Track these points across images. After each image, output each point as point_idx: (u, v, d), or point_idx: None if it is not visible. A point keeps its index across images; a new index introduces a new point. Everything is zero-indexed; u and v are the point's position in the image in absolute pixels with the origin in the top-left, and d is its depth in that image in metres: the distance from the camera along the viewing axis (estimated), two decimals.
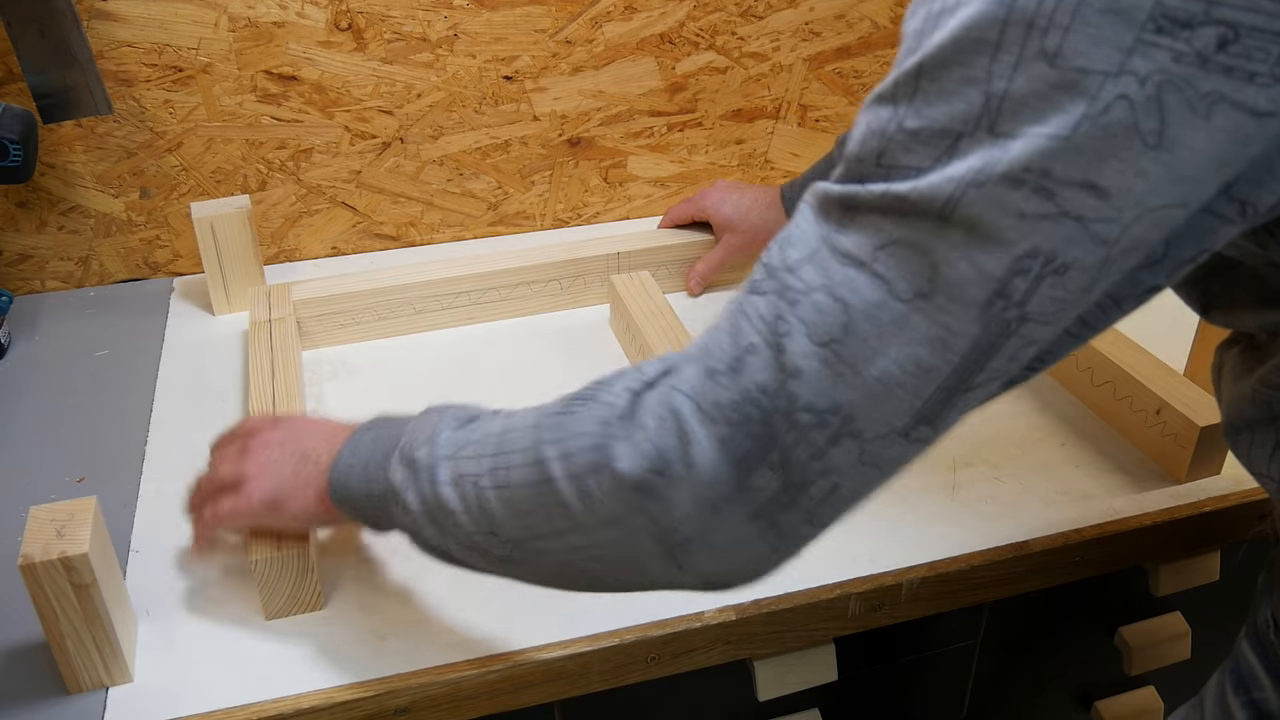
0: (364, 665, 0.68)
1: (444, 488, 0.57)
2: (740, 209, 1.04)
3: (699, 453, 0.48)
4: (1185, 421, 0.82)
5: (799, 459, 0.47)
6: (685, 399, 0.50)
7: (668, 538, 0.50)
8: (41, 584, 0.62)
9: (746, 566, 0.52)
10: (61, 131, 1.03)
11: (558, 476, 0.52)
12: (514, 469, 0.54)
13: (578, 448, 0.52)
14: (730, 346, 0.49)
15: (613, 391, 0.52)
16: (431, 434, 0.59)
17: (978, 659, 0.89)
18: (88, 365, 0.98)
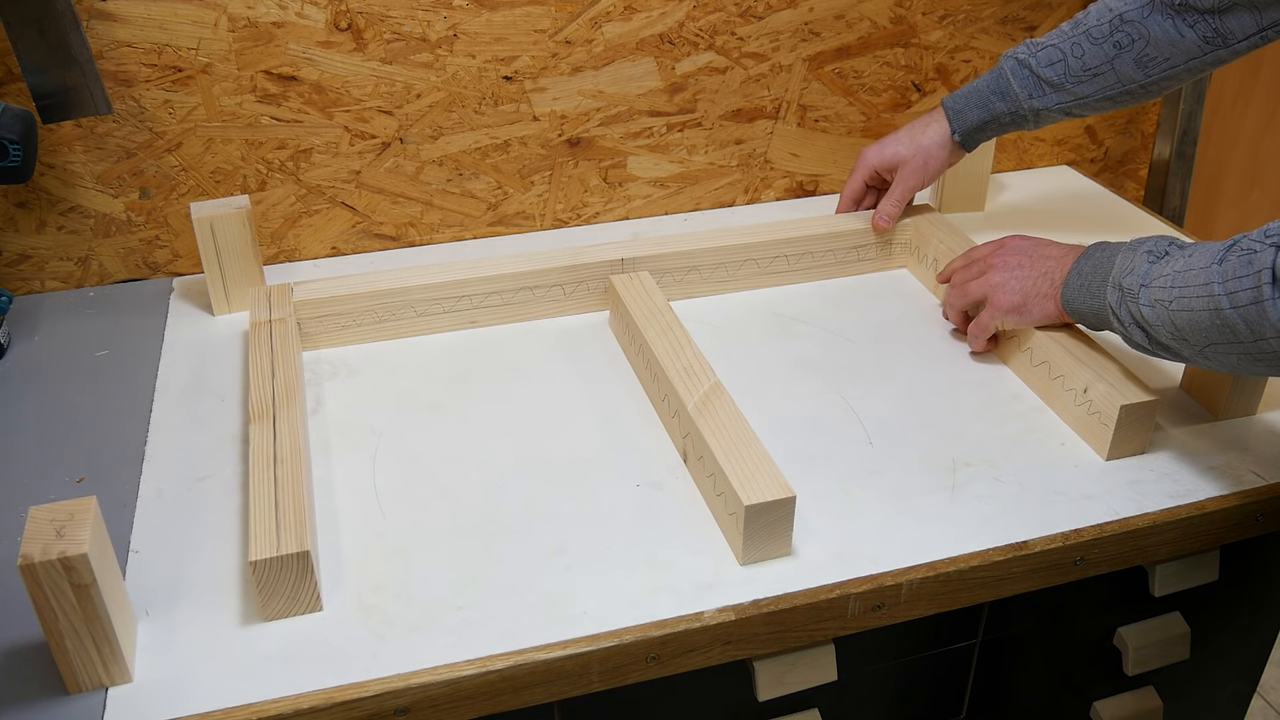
0: (364, 665, 0.68)
1: (1144, 308, 0.78)
2: (901, 142, 1.09)
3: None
4: (1109, 399, 0.85)
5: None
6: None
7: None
8: (41, 584, 0.62)
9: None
10: (61, 131, 1.03)
11: (1225, 308, 0.72)
12: (1192, 299, 0.74)
13: (1240, 288, 0.71)
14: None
15: (1260, 255, 0.70)
16: (1133, 265, 0.80)
17: (977, 659, 0.89)
18: (87, 365, 0.98)
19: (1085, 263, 0.86)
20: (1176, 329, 0.76)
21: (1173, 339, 0.77)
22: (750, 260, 1.08)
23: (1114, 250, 0.85)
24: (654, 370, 0.91)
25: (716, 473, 0.78)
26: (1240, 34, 0.92)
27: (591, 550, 0.77)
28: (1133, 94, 0.99)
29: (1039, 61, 1.01)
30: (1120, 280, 0.81)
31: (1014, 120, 1.04)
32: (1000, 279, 0.93)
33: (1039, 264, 0.91)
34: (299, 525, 0.71)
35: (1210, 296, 0.72)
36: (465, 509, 0.81)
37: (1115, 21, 0.97)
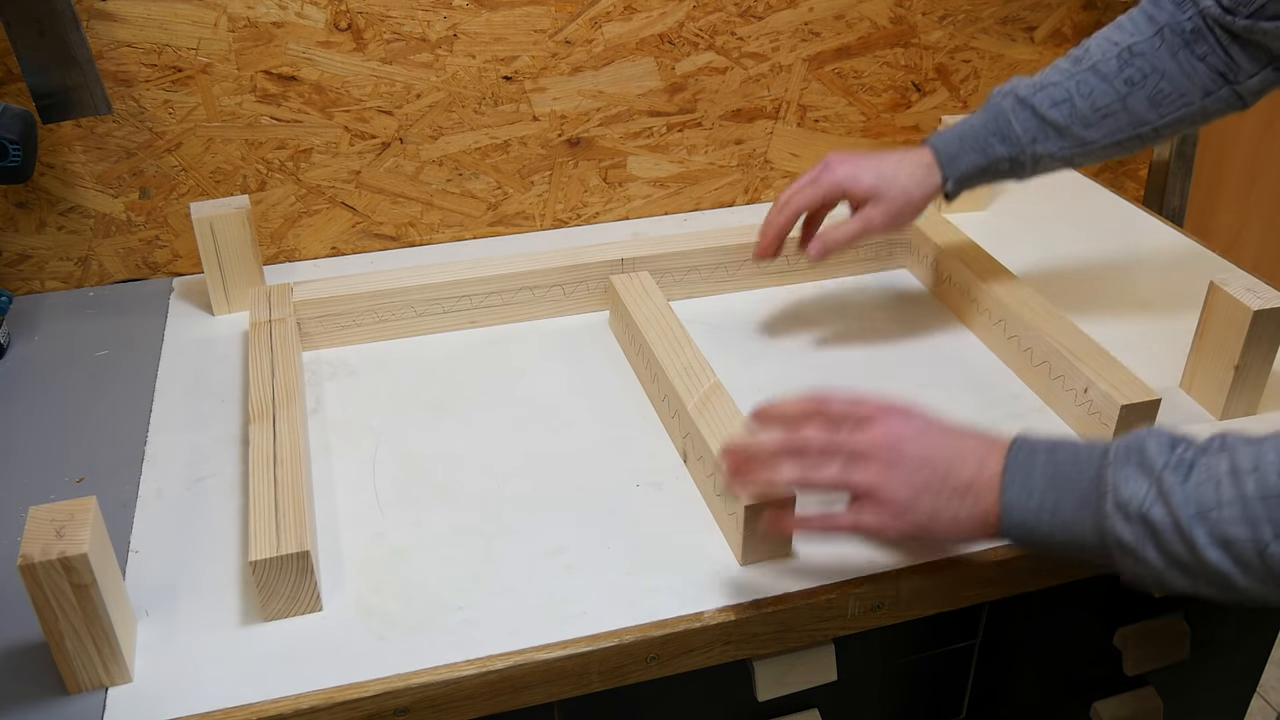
0: (363, 665, 0.68)
1: (1208, 551, 0.58)
2: (885, 175, 0.90)
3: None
4: (1109, 400, 0.84)
5: None
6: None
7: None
8: (41, 584, 0.62)
9: None
10: (61, 131, 1.03)
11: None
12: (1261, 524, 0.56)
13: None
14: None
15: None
16: (1157, 487, 0.59)
17: (977, 659, 0.89)
18: (87, 365, 0.98)
19: (1028, 469, 0.64)
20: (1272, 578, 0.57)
21: (1267, 584, 0.58)
22: (750, 260, 1.08)
23: (1074, 451, 0.64)
24: (654, 370, 0.91)
25: (717, 473, 0.78)
26: (1251, 69, 0.84)
27: (591, 550, 0.77)
28: (1143, 138, 0.89)
29: (1042, 101, 0.89)
30: (1140, 510, 0.60)
31: (1011, 168, 0.91)
32: (883, 478, 0.66)
33: (953, 466, 0.66)
34: (299, 525, 0.71)
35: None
36: (465, 509, 0.81)
37: (1124, 55, 0.87)
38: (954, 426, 0.68)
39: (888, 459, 0.66)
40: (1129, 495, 0.60)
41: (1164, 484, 0.59)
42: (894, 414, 0.68)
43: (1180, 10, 0.86)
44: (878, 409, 0.68)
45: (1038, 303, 0.96)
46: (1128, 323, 1.04)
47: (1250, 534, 0.56)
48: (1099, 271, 1.13)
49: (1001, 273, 1.01)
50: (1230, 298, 0.87)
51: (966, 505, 0.65)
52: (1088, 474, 0.62)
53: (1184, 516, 0.58)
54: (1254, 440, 0.59)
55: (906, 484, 0.65)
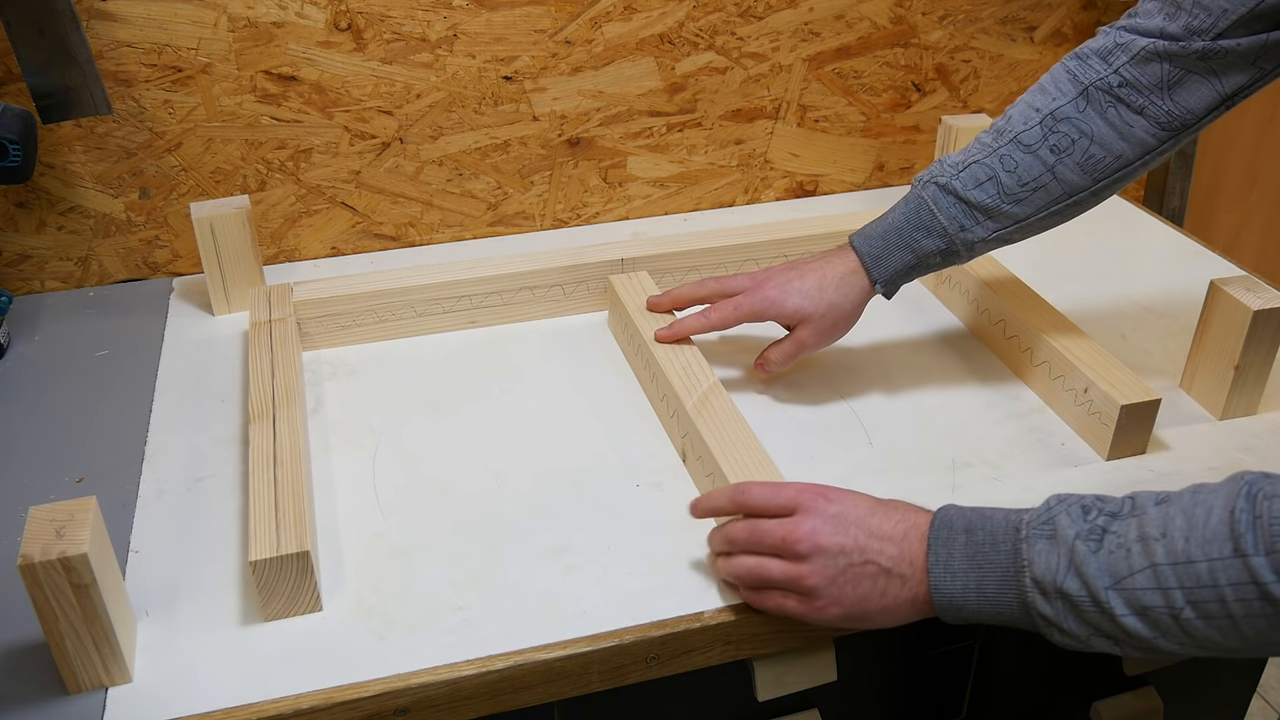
0: (363, 665, 0.68)
1: (1126, 619, 0.58)
2: (809, 295, 0.88)
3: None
4: (1109, 400, 0.84)
5: None
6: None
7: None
8: (41, 584, 0.62)
9: None
10: (61, 132, 1.03)
11: (1255, 614, 0.54)
12: (1231, 603, 0.55)
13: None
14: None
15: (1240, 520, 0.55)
16: (1069, 558, 0.60)
17: (977, 659, 0.89)
18: (87, 365, 0.98)
19: (949, 549, 0.65)
20: (1197, 638, 0.58)
21: (1187, 645, 0.59)
22: (750, 260, 1.08)
23: (990, 526, 0.65)
24: (653, 370, 0.91)
25: (715, 472, 0.78)
26: (1200, 110, 0.78)
27: (591, 550, 0.77)
28: (1080, 204, 0.84)
29: (964, 184, 0.83)
30: (1056, 584, 0.61)
31: (945, 258, 0.86)
32: (800, 571, 0.67)
33: (875, 552, 0.66)
34: (299, 525, 0.71)
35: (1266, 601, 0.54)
36: (465, 509, 0.81)
37: (1047, 122, 0.81)
38: (871, 509, 0.68)
39: (803, 552, 0.67)
40: (1043, 570, 0.61)
41: (1076, 555, 0.60)
42: (810, 504, 0.68)
43: (1107, 64, 0.80)
44: (793, 500, 0.68)
45: (1038, 303, 0.96)
46: (1128, 323, 1.04)
47: (1164, 601, 0.57)
48: (1099, 271, 1.13)
49: (1001, 273, 1.01)
50: (1230, 298, 0.87)
51: (894, 588, 0.66)
52: (1005, 551, 0.63)
53: (1099, 588, 0.59)
54: (1161, 500, 0.60)
55: (824, 576, 0.66)
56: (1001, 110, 1.32)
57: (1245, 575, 0.54)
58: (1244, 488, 0.56)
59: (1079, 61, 0.81)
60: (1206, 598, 0.56)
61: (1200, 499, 0.58)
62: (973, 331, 1.02)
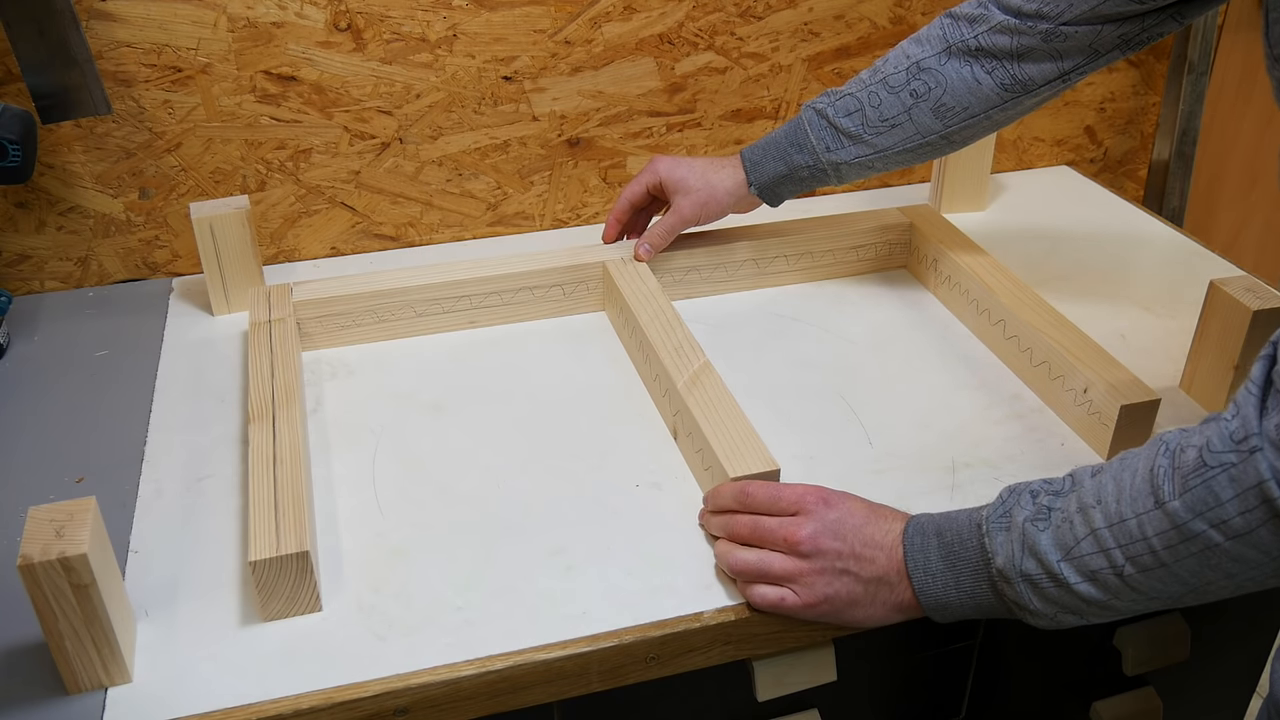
0: (363, 665, 0.68)
1: (1080, 587, 0.63)
2: (695, 170, 1.01)
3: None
4: (1109, 400, 0.84)
5: None
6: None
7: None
8: (40, 584, 0.62)
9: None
10: (60, 132, 1.03)
11: (1221, 543, 0.57)
12: (1160, 551, 0.60)
13: (1230, 515, 0.56)
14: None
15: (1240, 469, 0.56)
16: (1024, 544, 0.65)
17: (977, 659, 0.89)
18: (87, 365, 0.98)
19: (926, 554, 0.70)
20: (1144, 591, 0.62)
21: (1139, 600, 0.63)
22: (750, 260, 1.08)
23: (955, 528, 0.69)
24: (646, 351, 0.92)
25: (705, 448, 0.79)
26: (1040, 80, 0.89)
27: (591, 550, 0.77)
28: (933, 145, 0.94)
29: (836, 111, 0.95)
30: (1018, 569, 0.65)
31: (813, 175, 0.98)
32: (800, 570, 0.70)
33: (866, 561, 0.70)
34: (299, 525, 0.71)
35: (1188, 541, 0.58)
36: (465, 509, 0.81)
37: (912, 69, 0.92)
38: (865, 517, 0.72)
39: (805, 553, 0.70)
40: (1005, 560, 0.66)
41: (1029, 538, 0.65)
42: (812, 508, 0.72)
43: (971, 28, 0.90)
44: (797, 502, 0.72)
45: (1038, 303, 0.96)
46: (1128, 323, 1.04)
47: (1107, 562, 0.62)
48: (1099, 271, 1.13)
49: (1001, 273, 1.01)
50: (1230, 298, 0.87)
51: (883, 593, 0.70)
52: (972, 548, 0.68)
53: (1052, 562, 0.64)
54: (1096, 472, 0.64)
55: (822, 576, 0.70)
56: None
57: (1166, 522, 0.59)
58: (1162, 446, 0.61)
59: (951, 21, 0.92)
60: (1140, 551, 0.60)
61: (1127, 463, 0.62)
62: (973, 331, 1.03)
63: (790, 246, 1.09)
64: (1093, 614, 0.65)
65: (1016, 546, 0.65)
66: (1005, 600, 0.67)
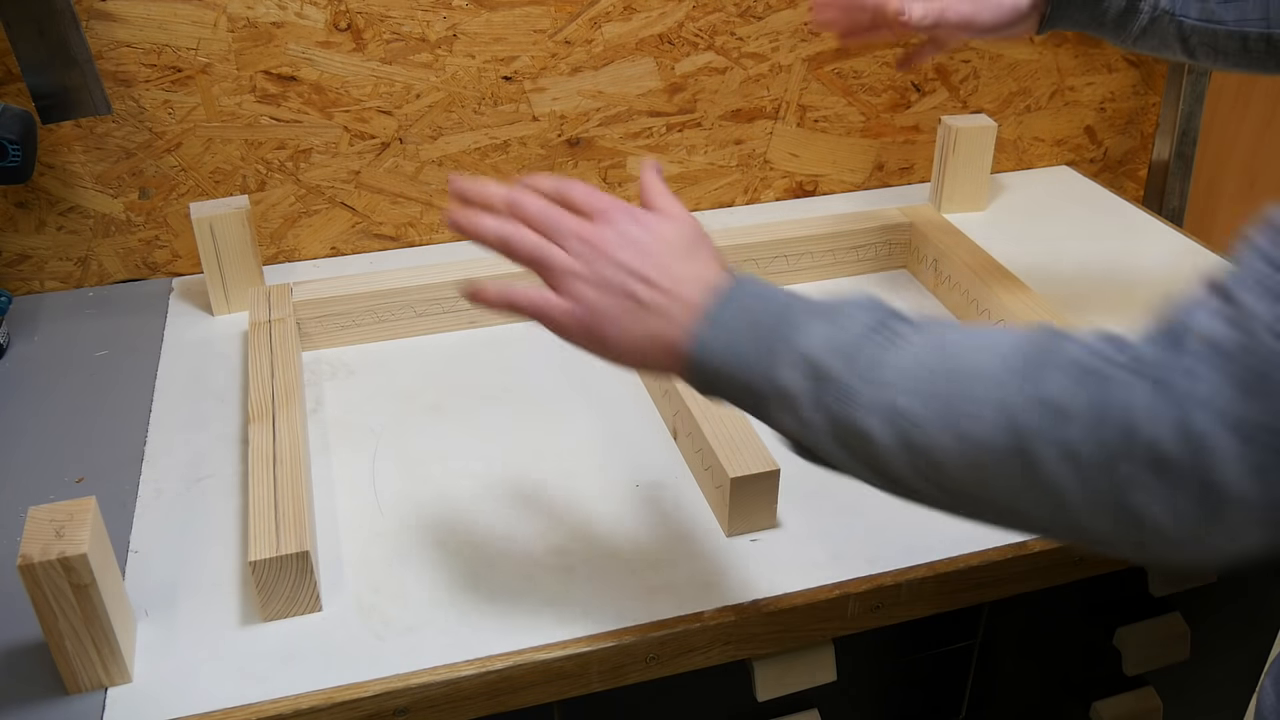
0: (363, 665, 0.68)
1: (867, 416, 0.51)
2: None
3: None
4: None
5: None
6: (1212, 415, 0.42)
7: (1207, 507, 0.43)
8: (40, 584, 0.62)
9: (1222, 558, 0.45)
10: (60, 132, 1.03)
11: (1048, 459, 0.45)
12: (981, 430, 0.48)
13: (1090, 440, 0.44)
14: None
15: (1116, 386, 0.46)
16: (845, 344, 0.53)
17: (977, 659, 0.89)
18: (87, 365, 0.98)
19: (734, 309, 0.57)
20: (929, 469, 0.50)
21: (915, 475, 0.51)
22: (750, 260, 1.08)
23: (784, 299, 0.57)
24: None
25: (704, 447, 0.79)
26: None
27: (591, 550, 0.77)
28: (1272, 40, 0.78)
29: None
30: (817, 357, 0.53)
31: (1121, 17, 0.82)
32: (577, 268, 0.60)
33: (660, 280, 0.59)
34: (298, 525, 0.71)
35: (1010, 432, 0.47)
36: (465, 509, 0.81)
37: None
38: (679, 252, 0.60)
39: (591, 254, 0.60)
40: (807, 346, 0.54)
41: (854, 342, 0.53)
42: (617, 217, 0.61)
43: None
44: (612, 204, 0.62)
45: (1038, 303, 0.96)
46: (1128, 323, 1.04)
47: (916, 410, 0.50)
48: (1099, 271, 1.13)
49: (1001, 273, 1.01)
50: None
51: (652, 322, 0.59)
52: (784, 319, 0.56)
53: (860, 377, 0.52)
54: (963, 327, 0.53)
55: (598, 284, 0.59)
56: (1001, 110, 1.32)
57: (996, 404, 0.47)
58: (1043, 332, 0.50)
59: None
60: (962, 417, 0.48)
61: (1001, 332, 0.51)
62: None
63: (790, 247, 1.09)
64: (852, 458, 0.53)
65: (830, 340, 0.53)
66: (776, 386, 0.54)
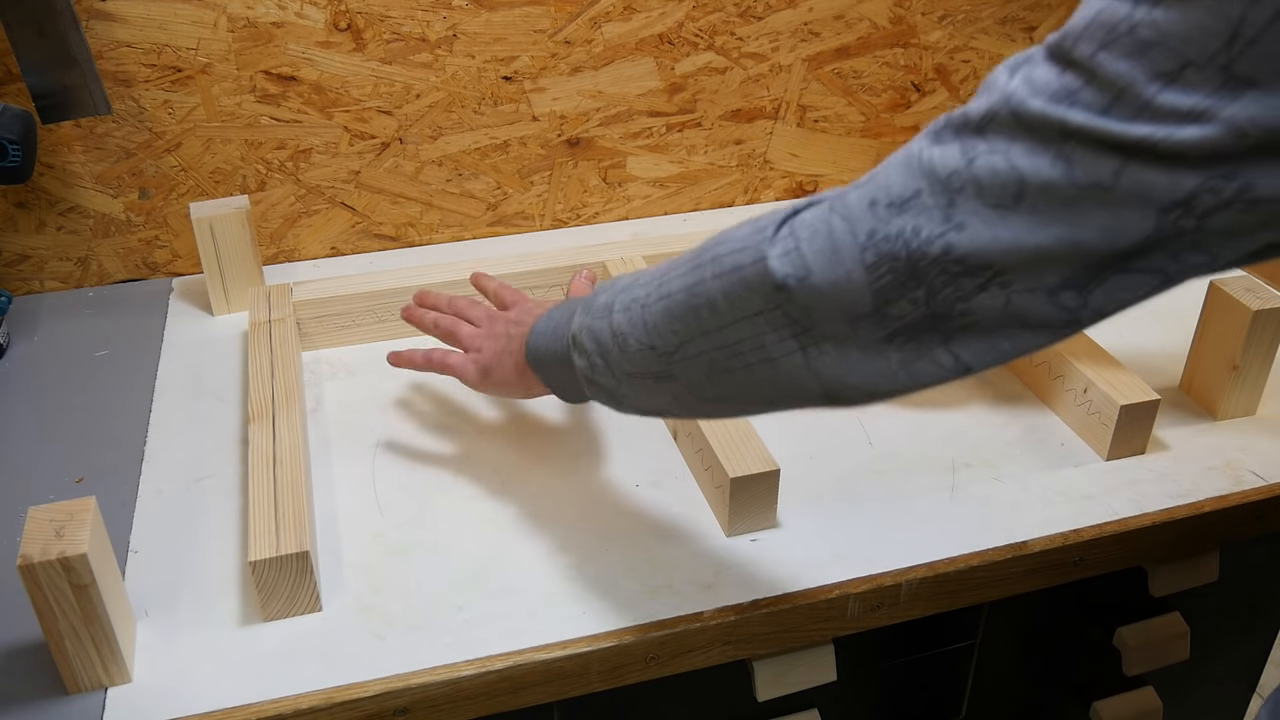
0: (363, 665, 0.68)
1: (617, 315, 0.62)
2: None
3: (842, 273, 0.51)
4: (1108, 400, 0.84)
5: (945, 298, 0.49)
6: (841, 220, 0.51)
7: (804, 336, 0.53)
8: (40, 584, 0.62)
9: (872, 379, 0.53)
10: (60, 132, 1.03)
11: (708, 278, 0.56)
12: (674, 280, 0.59)
13: (729, 250, 0.55)
14: (900, 185, 0.50)
15: (773, 213, 0.55)
16: (613, 281, 0.65)
17: (977, 659, 0.89)
18: (87, 365, 0.98)
19: (561, 306, 0.72)
20: (649, 329, 0.61)
21: (641, 347, 0.61)
22: None
23: (572, 302, 0.72)
24: None
25: (705, 448, 0.79)
26: None
27: (591, 550, 0.77)
28: None
29: None
30: (593, 300, 0.66)
31: None
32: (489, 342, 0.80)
33: (525, 319, 0.78)
34: (298, 525, 0.71)
35: (696, 267, 0.58)
36: (465, 509, 0.81)
37: None
38: (536, 307, 0.79)
39: (490, 320, 0.81)
40: (592, 294, 0.67)
41: (622, 277, 0.66)
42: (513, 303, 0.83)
43: None
44: (512, 299, 0.84)
45: None
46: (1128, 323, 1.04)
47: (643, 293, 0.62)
48: None
49: None
50: (1230, 298, 0.87)
51: (513, 344, 0.77)
52: (567, 307, 0.71)
53: (616, 291, 0.64)
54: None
55: (492, 336, 0.80)
56: None
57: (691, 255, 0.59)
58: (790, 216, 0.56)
59: None
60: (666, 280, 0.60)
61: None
62: None
63: None
64: (615, 367, 0.63)
65: (609, 284, 0.66)
66: (574, 336, 0.67)
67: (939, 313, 0.50)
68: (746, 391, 0.58)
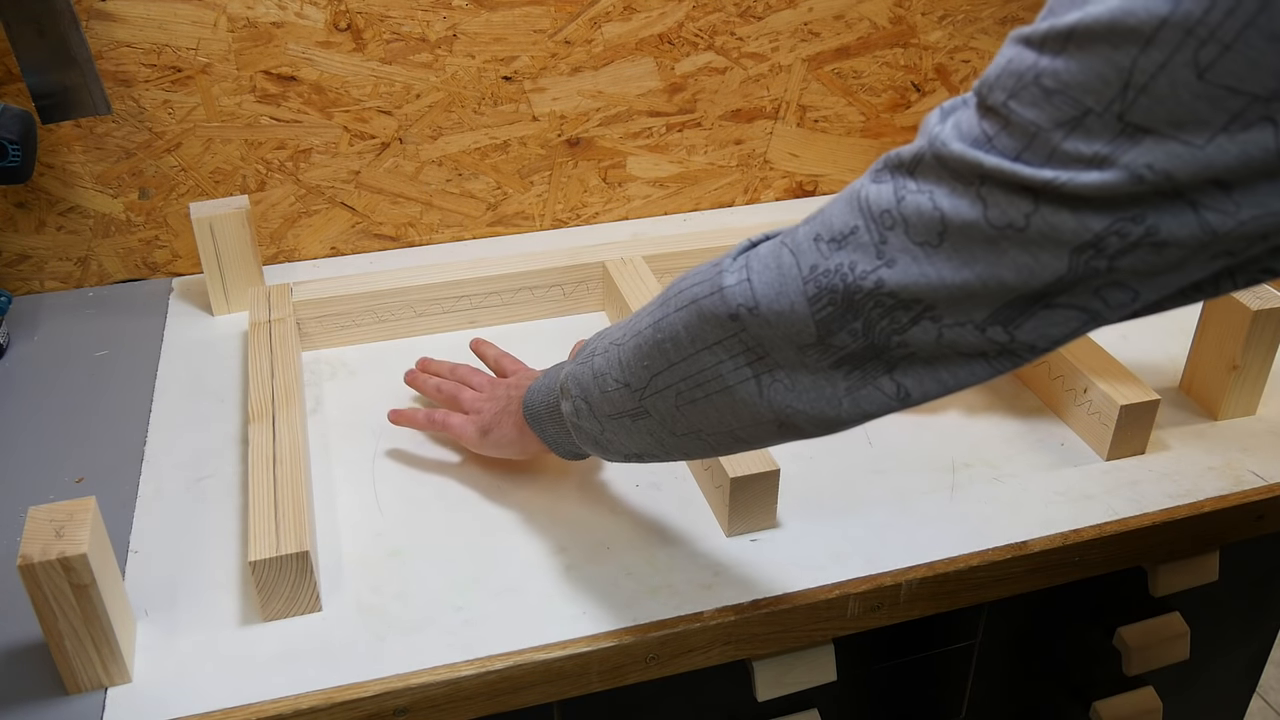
0: (363, 665, 0.68)
1: (597, 358, 0.66)
2: None
3: (787, 304, 0.53)
4: (1109, 400, 0.84)
5: (881, 330, 0.52)
6: (789, 254, 0.54)
7: (758, 364, 0.56)
8: (40, 584, 0.62)
9: (819, 405, 0.56)
10: (60, 132, 1.03)
11: (671, 312, 0.60)
12: (644, 318, 0.62)
13: (690, 284, 0.59)
14: (840, 222, 0.53)
15: (734, 248, 0.58)
16: (603, 331, 0.68)
17: (977, 659, 0.89)
18: (87, 365, 0.98)
19: (559, 365, 0.76)
20: (623, 366, 0.64)
21: (618, 385, 0.64)
22: None
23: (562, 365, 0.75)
24: None
25: None
26: None
27: (591, 550, 0.77)
28: None
29: None
30: (583, 349, 0.69)
31: None
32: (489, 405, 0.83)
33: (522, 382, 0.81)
34: (298, 525, 0.71)
35: (663, 304, 0.61)
36: (465, 509, 0.81)
37: None
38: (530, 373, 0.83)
39: (491, 386, 0.84)
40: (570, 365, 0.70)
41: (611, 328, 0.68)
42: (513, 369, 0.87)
43: None
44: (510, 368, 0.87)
45: None
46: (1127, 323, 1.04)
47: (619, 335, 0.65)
48: None
49: None
50: (1230, 298, 0.87)
51: (512, 405, 0.79)
52: (556, 370, 0.75)
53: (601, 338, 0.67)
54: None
55: (492, 400, 0.82)
56: None
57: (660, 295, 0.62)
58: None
59: None
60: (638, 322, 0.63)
61: None
62: None
63: None
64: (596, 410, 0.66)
65: (577, 360, 0.69)
66: (562, 383, 0.69)
67: (877, 344, 0.52)
68: (712, 422, 0.60)
